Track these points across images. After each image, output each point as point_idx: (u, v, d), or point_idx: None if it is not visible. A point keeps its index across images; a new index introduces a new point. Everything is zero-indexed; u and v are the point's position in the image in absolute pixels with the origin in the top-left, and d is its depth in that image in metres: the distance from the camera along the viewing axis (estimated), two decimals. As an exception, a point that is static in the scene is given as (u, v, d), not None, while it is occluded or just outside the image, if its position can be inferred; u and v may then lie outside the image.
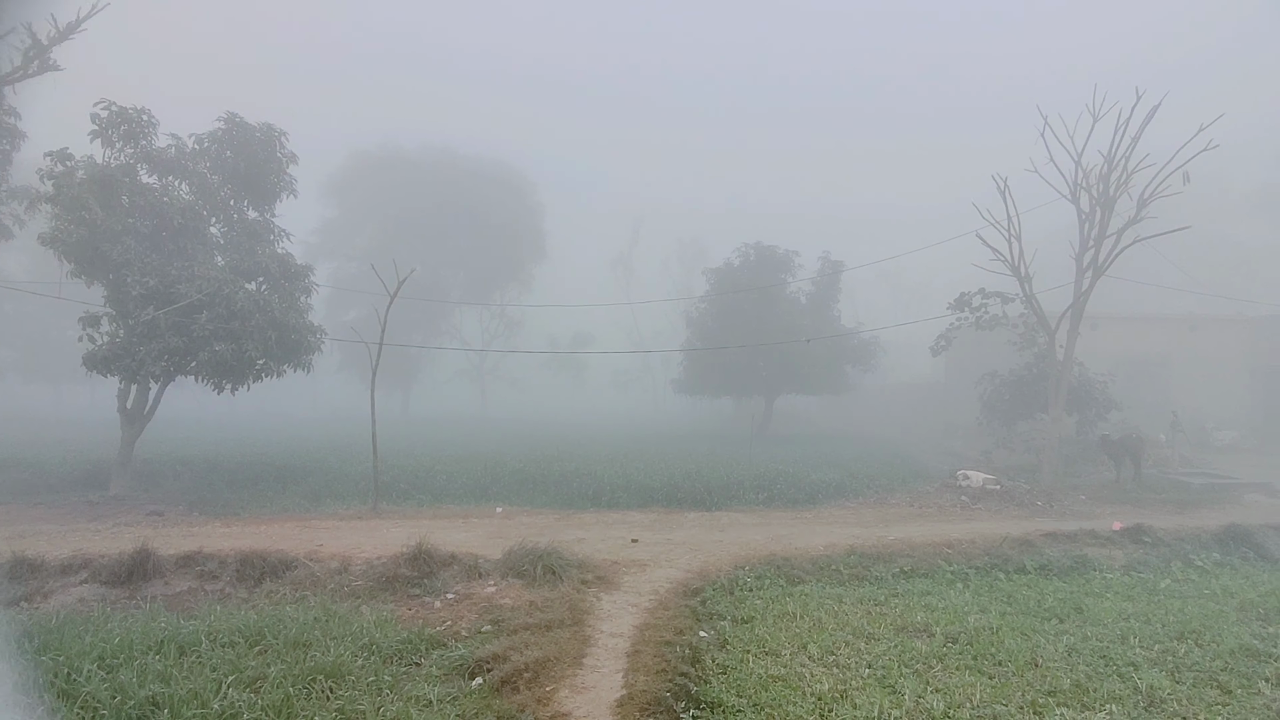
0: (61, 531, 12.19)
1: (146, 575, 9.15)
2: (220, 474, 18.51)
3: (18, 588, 8.69)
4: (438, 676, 6.19)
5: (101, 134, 15.63)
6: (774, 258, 33.97)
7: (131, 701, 5.11)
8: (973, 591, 9.04)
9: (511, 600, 8.14)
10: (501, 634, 7.10)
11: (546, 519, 13.89)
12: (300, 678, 5.74)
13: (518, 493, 16.86)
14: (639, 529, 12.64)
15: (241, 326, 15.08)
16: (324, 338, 17.60)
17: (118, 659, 5.99)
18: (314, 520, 13.55)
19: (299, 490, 16.86)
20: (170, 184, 16.57)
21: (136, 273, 14.80)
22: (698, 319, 36.76)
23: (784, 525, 13.32)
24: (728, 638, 7.01)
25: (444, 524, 13.06)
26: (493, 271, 53.17)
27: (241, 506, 15.26)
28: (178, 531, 12.12)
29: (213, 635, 6.65)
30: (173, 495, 16.71)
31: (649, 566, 9.78)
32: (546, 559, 8.92)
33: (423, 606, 8.29)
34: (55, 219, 15.63)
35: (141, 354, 14.70)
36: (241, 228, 17.26)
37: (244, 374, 15.89)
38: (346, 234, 53.26)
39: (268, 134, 17.15)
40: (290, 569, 9.22)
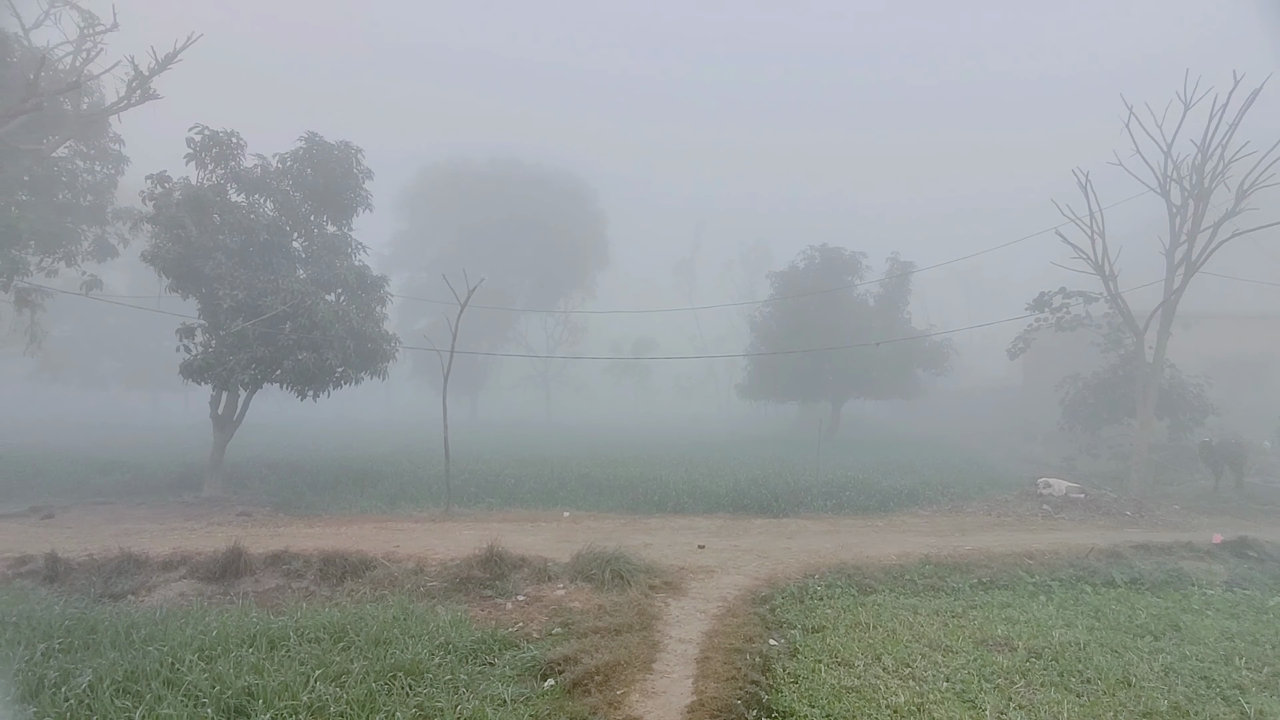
0: (161, 530, 13.00)
1: (238, 572, 9.67)
2: (303, 476, 19.38)
3: (126, 581, 9.34)
4: (511, 676, 6.33)
5: (195, 156, 16.65)
6: (840, 260, 33.38)
7: (229, 691, 5.41)
8: (1057, 605, 8.64)
9: (581, 604, 8.24)
10: (572, 636, 7.20)
11: (613, 523, 14.00)
12: (381, 674, 5.97)
13: (584, 497, 17.04)
14: (705, 535, 12.60)
15: (322, 336, 15.80)
16: (398, 346, 18.24)
17: (215, 651, 6.36)
18: (390, 522, 14.03)
19: (376, 493, 17.51)
20: (256, 202, 17.50)
21: (227, 286, 15.68)
22: (762, 323, 36.43)
23: (854, 533, 13.04)
24: (798, 646, 6.91)
25: (513, 527, 13.33)
26: (557, 279, 54.07)
27: (323, 508, 15.94)
28: (265, 531, 12.75)
29: (300, 631, 6.97)
30: (260, 497, 17.61)
31: (716, 573, 9.73)
32: (614, 563, 9.00)
33: (495, 608, 8.48)
34: (154, 237, 16.75)
35: (232, 363, 15.57)
36: (321, 242, 18.07)
37: (325, 381, 16.63)
38: (418, 245, 55.08)
39: (345, 151, 17.93)
40: (370, 569, 9.58)
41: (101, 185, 21.83)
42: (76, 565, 9.76)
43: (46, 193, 20.06)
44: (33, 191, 19.59)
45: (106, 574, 9.51)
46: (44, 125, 17.69)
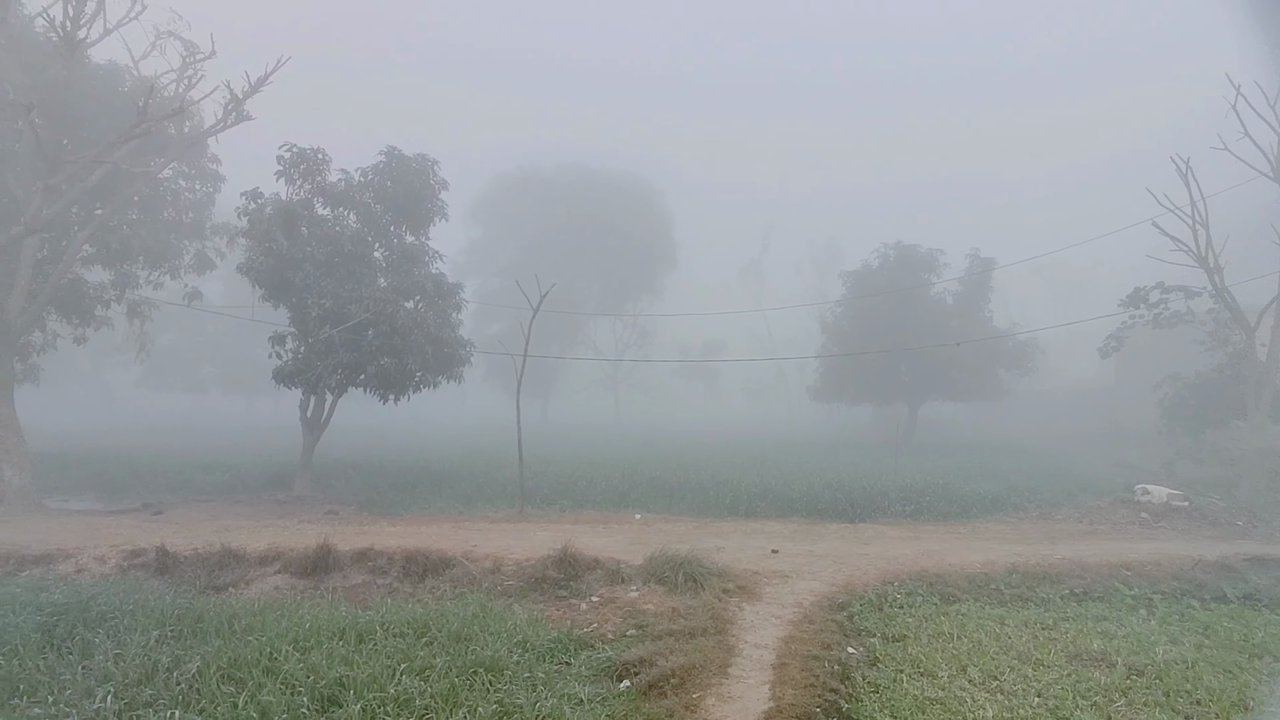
0: (257, 527, 13.74)
1: (328, 568, 10.14)
2: (385, 477, 20.16)
3: (227, 574, 9.93)
4: (587, 676, 6.40)
5: (285, 173, 17.58)
6: (916, 257, 32.37)
7: (323, 681, 5.68)
8: (1159, 620, 8.12)
9: (654, 606, 8.27)
10: (646, 639, 7.22)
11: (684, 526, 13.98)
12: (463, 670, 6.13)
13: (655, 499, 17.08)
14: (779, 539, 12.43)
15: (403, 342, 16.42)
16: (473, 350, 18.76)
17: (309, 643, 6.67)
18: (467, 522, 14.41)
19: (453, 493, 18.04)
20: (341, 214, 18.33)
21: (315, 295, 16.49)
22: (834, 324, 35.69)
23: (935, 539, 12.61)
24: (878, 655, 6.74)
25: (585, 529, 13.47)
26: (625, 282, 54.47)
27: (404, 507, 16.54)
28: (351, 529, 13.30)
29: (386, 626, 7.24)
30: (345, 495, 18.42)
31: (791, 578, 9.59)
32: (687, 567, 8.98)
33: (569, 608, 8.61)
34: (248, 250, 17.78)
35: (319, 368, 16.35)
36: (400, 251, 18.77)
37: (405, 385, 17.26)
38: (490, 252, 56.50)
39: (422, 163, 18.57)
40: (449, 567, 9.88)
41: (201, 203, 23.35)
42: (183, 558, 10.44)
43: (153, 211, 21.60)
44: (142, 211, 21.13)
45: (210, 567, 10.14)
46: (151, 149, 19.03)
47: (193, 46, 18.79)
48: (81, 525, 13.80)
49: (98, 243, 18.98)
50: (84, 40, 15.87)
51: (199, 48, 18.71)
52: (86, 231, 18.40)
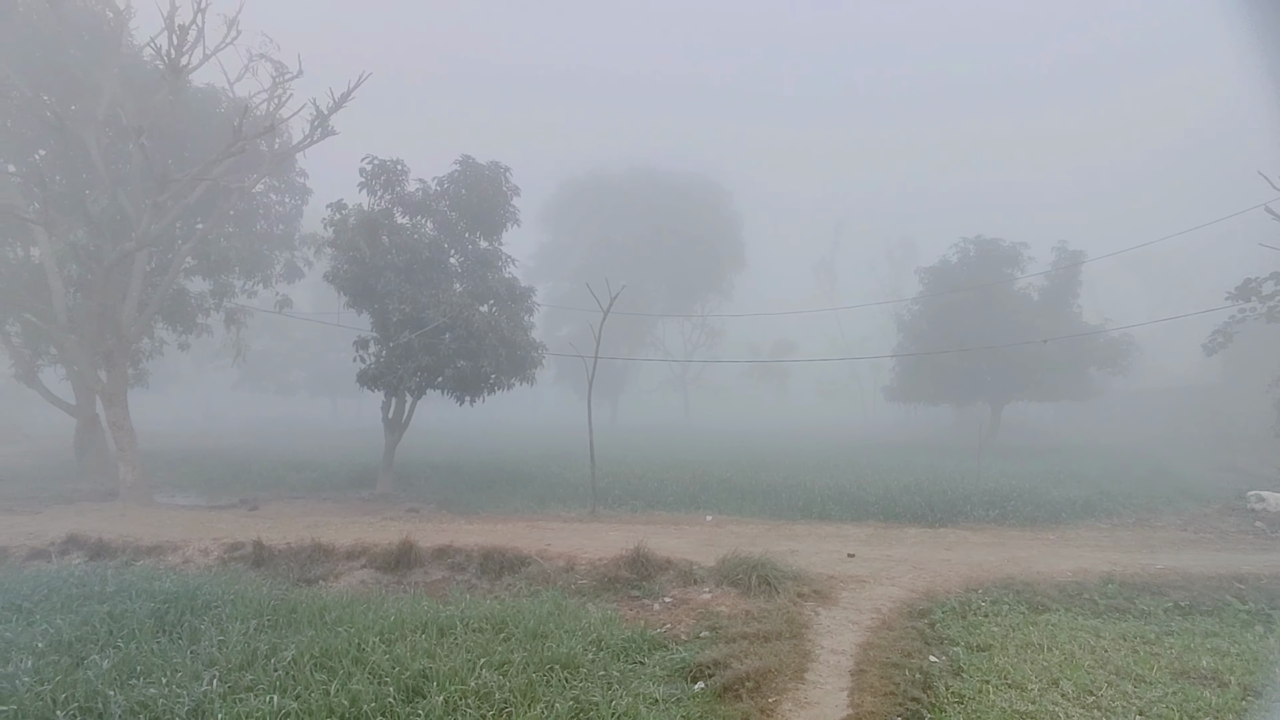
0: (344, 523, 14.36)
1: (410, 564, 10.52)
2: (461, 476, 20.74)
3: (317, 568, 10.44)
4: (661, 676, 6.42)
5: (367, 184, 18.33)
6: (998, 252, 31.09)
7: (407, 672, 5.89)
8: (1278, 638, 7.52)
9: (727, 608, 8.21)
10: (720, 641, 7.19)
11: (756, 529, 13.83)
12: (540, 665, 6.25)
13: (726, 501, 16.97)
14: (855, 543, 12.14)
15: (478, 345, 16.87)
16: (545, 353, 19.09)
17: (394, 635, 6.94)
18: (540, 521, 14.67)
19: (526, 493, 18.40)
20: (419, 222, 18.97)
21: (395, 301, 17.12)
22: (910, 322, 34.66)
23: (1021, 546, 12.05)
24: (962, 665, 6.49)
25: (657, 529, 13.49)
26: (693, 283, 54.36)
27: (480, 506, 16.98)
28: (431, 527, 13.74)
29: (465, 621, 7.46)
30: (425, 494, 19.06)
31: (868, 583, 9.35)
32: (761, 569, 8.89)
33: (642, 608, 8.65)
34: (334, 259, 18.63)
35: (400, 371, 16.98)
36: (475, 257, 19.28)
37: (480, 387, 17.73)
38: (560, 256, 57.39)
39: (495, 171, 19.03)
40: (525, 565, 10.09)
41: (290, 215, 24.64)
42: (278, 552, 11.03)
43: (247, 224, 22.91)
44: (237, 224, 22.43)
45: (301, 561, 10.67)
46: (245, 165, 20.18)
47: (281, 67, 19.83)
48: (187, 519, 14.77)
49: (198, 255, 20.26)
50: (186, 66, 16.98)
51: (287, 68, 19.75)
52: (189, 245, 19.68)
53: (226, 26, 18.25)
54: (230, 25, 18.30)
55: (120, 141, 19.59)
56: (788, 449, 30.75)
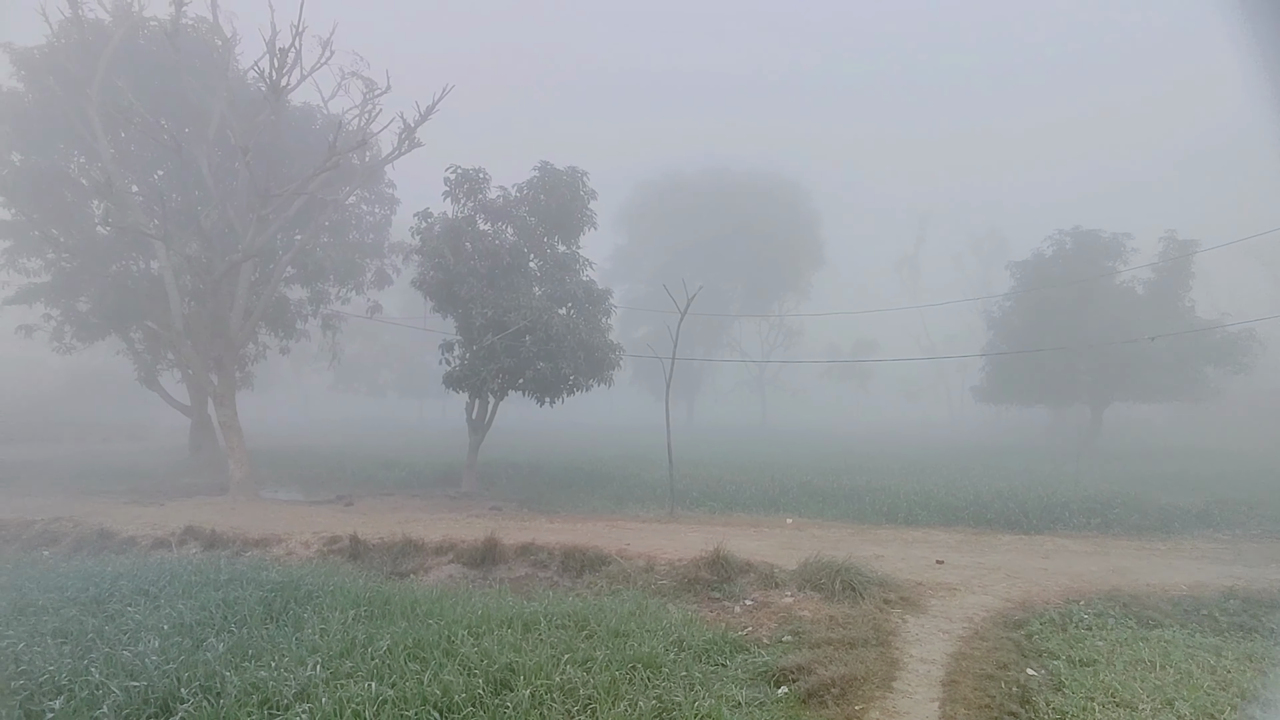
0: (432, 519, 14.91)
1: (494, 560, 10.83)
2: (541, 476, 21.18)
3: (408, 562, 10.88)
4: (744, 679, 6.37)
5: (450, 192, 18.97)
6: (1097, 244, 29.34)
7: (495, 665, 6.06)
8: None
9: (810, 613, 8.07)
10: (803, 646, 7.07)
11: (839, 533, 13.52)
12: (622, 664, 6.30)
13: (806, 504, 16.68)
14: (944, 549, 11.70)
15: (557, 347, 17.21)
16: (622, 354, 19.28)
17: (481, 629, 7.15)
18: (619, 521, 14.80)
19: (605, 493, 18.62)
20: (500, 228, 19.50)
21: (479, 306, 17.66)
22: (1001, 319, 33.12)
23: (1127, 556, 11.32)
24: (1063, 680, 6.14)
25: (735, 531, 13.39)
26: (770, 282, 53.68)
27: (560, 505, 17.29)
28: (513, 525, 14.08)
29: (549, 617, 7.60)
30: (507, 493, 19.55)
31: (959, 591, 8.99)
32: (845, 574, 8.69)
33: (723, 610, 8.60)
34: (420, 266, 19.38)
35: (483, 373, 17.50)
36: (553, 260, 19.66)
37: (559, 388, 18.07)
38: (635, 258, 57.80)
39: (572, 176, 19.35)
40: (605, 564, 10.21)
41: (380, 224, 25.83)
42: (371, 546, 11.56)
43: (341, 234, 24.15)
44: (331, 234, 23.68)
45: (394, 555, 11.15)
46: (339, 179, 21.28)
47: (371, 83, 20.80)
48: (289, 513, 15.67)
49: (297, 264, 21.51)
50: (285, 87, 18.03)
51: (376, 84, 20.70)
52: (288, 255, 20.90)
53: (321, 47, 19.29)
54: (324, 46, 19.33)
55: (228, 160, 21.03)
56: (870, 451, 29.94)
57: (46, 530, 13.72)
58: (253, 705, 5.33)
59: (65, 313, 22.73)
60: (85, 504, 16.65)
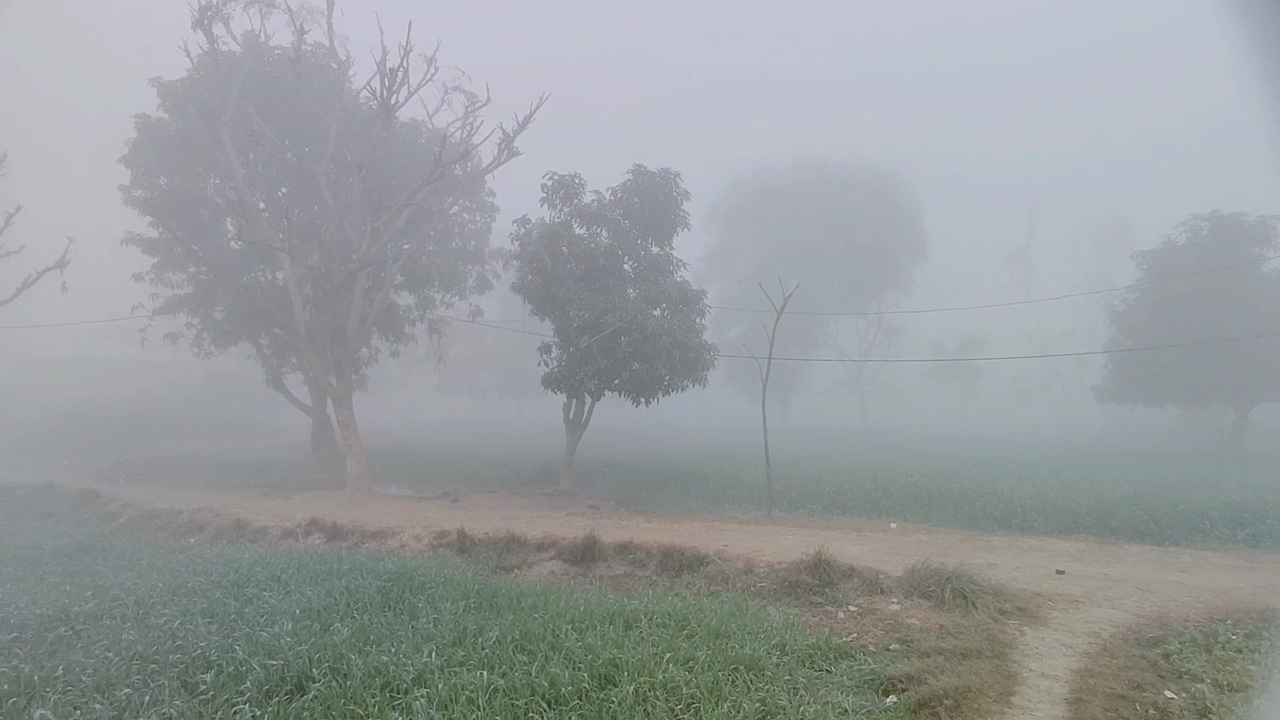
0: (532, 516, 15.36)
1: (594, 558, 11.02)
2: (637, 475, 21.39)
3: (512, 557, 11.25)
4: (849, 686, 6.21)
5: (548, 198, 19.49)
6: (1241, 228, 26.73)
7: (599, 661, 6.19)
8: None
9: (919, 621, 7.77)
10: (911, 655, 6.82)
11: (947, 539, 12.94)
12: (724, 665, 6.29)
13: (911, 508, 16.08)
14: (1063, 559, 10.98)
15: (652, 348, 17.34)
16: (717, 354, 19.20)
17: (584, 624, 7.31)
18: (716, 522, 14.75)
19: (700, 493, 18.60)
20: (595, 232, 19.86)
21: (575, 308, 18.05)
22: (1126, 313, 30.73)
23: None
24: (1209, 705, 5.65)
25: (836, 535, 13.06)
26: (869, 279, 51.96)
27: (656, 504, 17.41)
28: (611, 523, 14.30)
29: (649, 616, 7.67)
30: (603, 492, 19.87)
31: (1083, 603, 8.41)
32: (955, 581, 8.31)
33: (826, 615, 8.41)
34: (519, 271, 20.00)
35: (580, 374, 17.87)
36: (647, 262, 19.83)
37: (654, 388, 18.21)
38: (727, 257, 57.37)
39: (665, 178, 19.46)
40: (703, 565, 10.20)
41: (480, 231, 26.84)
42: (477, 541, 12.02)
43: (445, 242, 25.27)
44: (436, 242, 24.82)
45: (498, 550, 11.56)
46: (443, 189, 22.28)
47: (472, 97, 21.71)
48: (401, 508, 16.54)
49: (405, 272, 22.68)
50: (395, 104, 19.06)
51: (477, 97, 21.56)
52: (398, 264, 22.08)
53: (426, 64, 20.26)
54: (429, 63, 20.30)
55: (343, 176, 22.44)
56: (979, 454, 28.50)
57: (192, 520, 15.08)
58: (376, 687, 5.67)
59: (204, 321, 24.90)
60: (223, 496, 18.20)
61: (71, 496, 17.96)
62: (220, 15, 20.34)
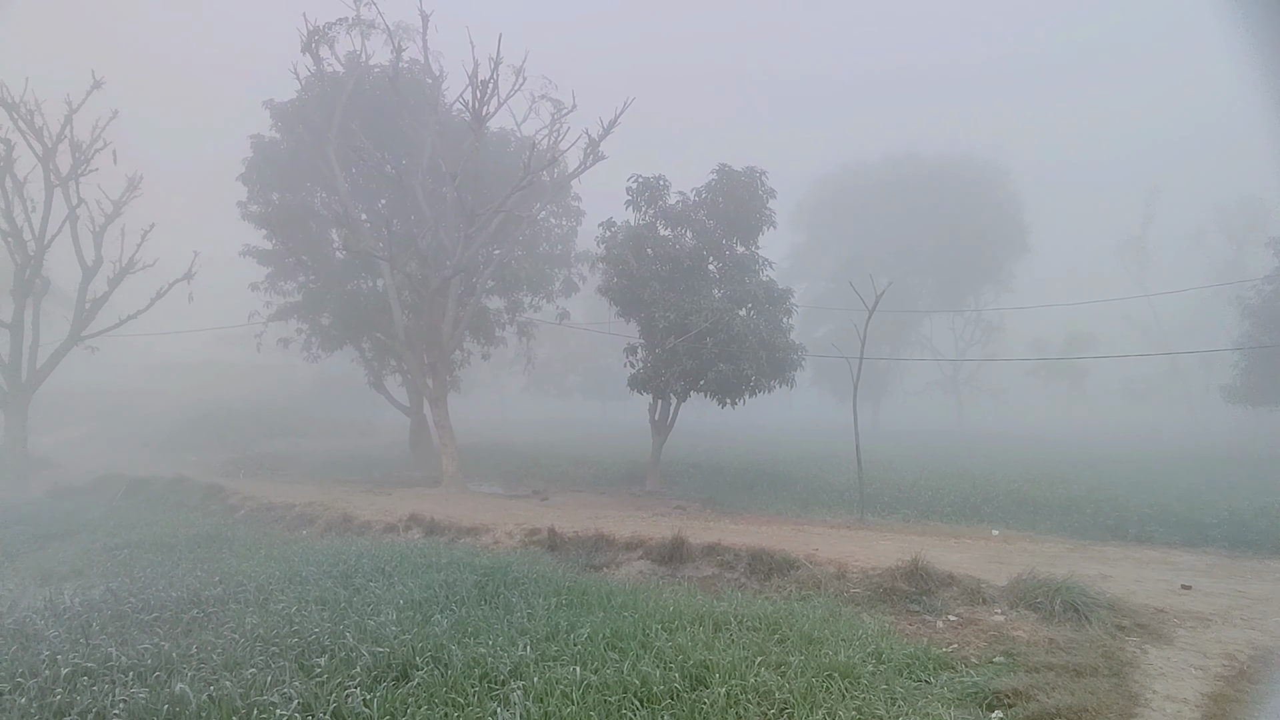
0: (620, 516, 15.51)
1: (682, 559, 11.02)
2: (722, 477, 21.25)
3: (601, 556, 11.41)
4: (950, 699, 5.95)
5: (633, 201, 19.67)
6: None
7: (690, 661, 6.18)
8: None
9: (1026, 634, 7.37)
10: (1018, 669, 6.47)
11: (1054, 548, 12.21)
12: (818, 671, 6.16)
13: (1014, 515, 15.27)
14: (1189, 573, 10.15)
15: (739, 348, 17.21)
16: (804, 355, 18.85)
17: (674, 624, 7.33)
18: (805, 525, 14.47)
19: (788, 496, 18.29)
20: (679, 233, 19.89)
21: (661, 309, 18.14)
22: (1261, 305, 28.09)
23: None
24: (1368, 740, 5.10)
25: (933, 542, 12.56)
26: (965, 274, 49.66)
27: (743, 506, 17.26)
28: (698, 524, 14.26)
29: (739, 618, 7.61)
30: (689, 492, 19.85)
31: (1213, 622, 7.75)
32: (1066, 593, 7.82)
33: (923, 624, 8.10)
34: (605, 273, 20.27)
35: (666, 375, 17.94)
36: (732, 262, 19.69)
37: (740, 389, 18.06)
38: (814, 255, 56.16)
39: (750, 177, 19.27)
40: (793, 569, 10.02)
41: (567, 235, 27.37)
42: (567, 539, 12.25)
43: (533, 247, 25.91)
44: (524, 247, 25.48)
45: (588, 548, 11.74)
46: (531, 195, 22.86)
47: (559, 104, 22.17)
48: (493, 505, 17.07)
49: (496, 277, 23.42)
50: (486, 115, 19.71)
51: (564, 104, 22.01)
52: (489, 269, 22.81)
53: (514, 75, 20.86)
54: (517, 74, 20.89)
55: (437, 185, 23.39)
56: (1088, 458, 26.71)
57: (304, 513, 16.07)
58: (475, 678, 5.88)
59: (312, 327, 26.51)
60: (330, 491, 19.31)
61: (199, 490, 19.48)
62: (326, 39, 21.62)
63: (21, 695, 5.37)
